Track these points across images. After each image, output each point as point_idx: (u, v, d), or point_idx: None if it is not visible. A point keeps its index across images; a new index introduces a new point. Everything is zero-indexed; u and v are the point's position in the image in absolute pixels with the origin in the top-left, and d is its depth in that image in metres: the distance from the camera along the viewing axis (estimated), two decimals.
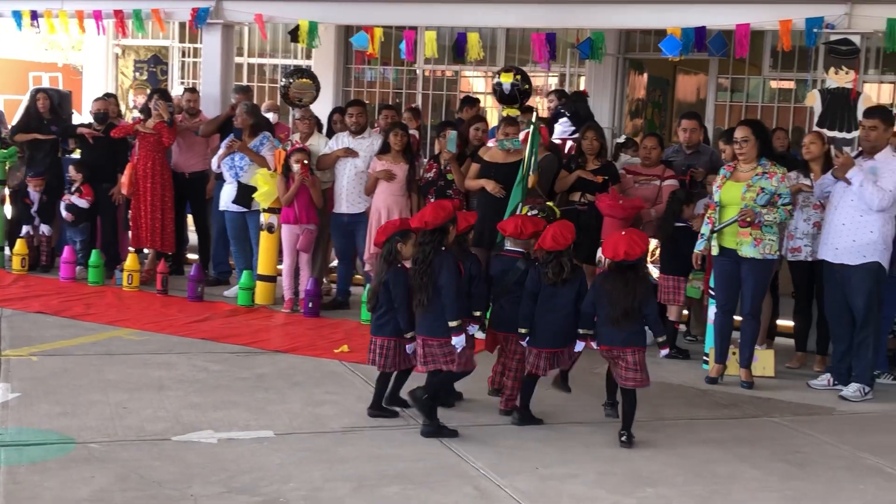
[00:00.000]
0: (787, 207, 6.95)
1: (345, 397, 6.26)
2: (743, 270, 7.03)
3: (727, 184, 7.12)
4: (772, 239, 6.96)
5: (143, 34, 12.48)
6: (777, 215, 6.89)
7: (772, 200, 6.90)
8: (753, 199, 6.91)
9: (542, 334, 5.81)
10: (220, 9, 10.61)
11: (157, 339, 7.52)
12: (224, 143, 9.24)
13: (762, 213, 6.88)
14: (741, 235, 6.99)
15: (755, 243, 6.95)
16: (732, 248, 7.04)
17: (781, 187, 6.92)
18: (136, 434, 5.29)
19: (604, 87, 11.95)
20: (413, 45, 10.25)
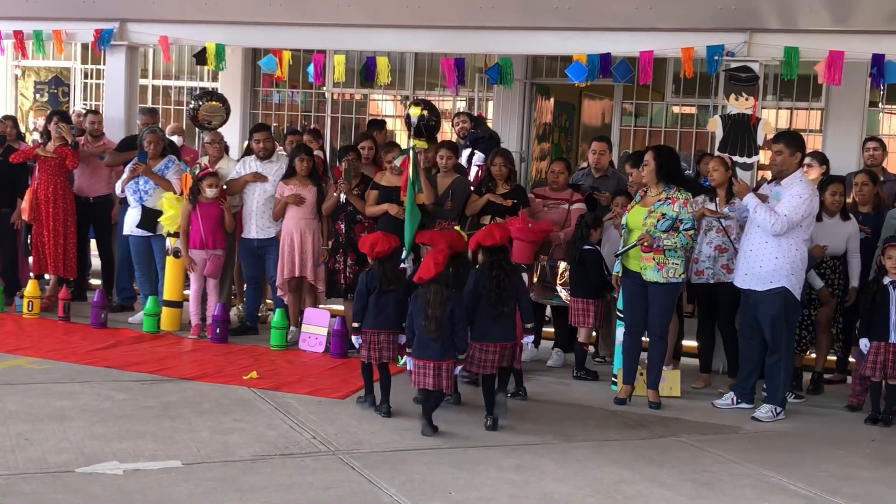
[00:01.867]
0: (688, 233, 7.07)
1: (254, 424, 6.17)
2: (649, 293, 7.16)
3: (634, 208, 7.27)
4: (675, 263, 7.09)
5: (44, 55, 12.17)
6: (677, 240, 7.02)
7: (674, 226, 7.03)
8: (654, 224, 7.05)
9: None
10: (124, 30, 10.43)
11: (59, 368, 7.32)
12: (128, 166, 9.07)
13: (661, 238, 7.02)
14: (644, 260, 7.12)
15: (658, 268, 7.08)
16: (637, 272, 7.17)
17: (683, 213, 7.04)
18: (39, 466, 5.13)
19: (511, 112, 12.09)
20: (322, 68, 10.23)
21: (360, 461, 5.54)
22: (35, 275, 9.46)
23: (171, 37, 10.33)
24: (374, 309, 6.55)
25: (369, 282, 6.58)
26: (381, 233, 6.95)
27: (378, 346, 6.57)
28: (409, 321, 6.40)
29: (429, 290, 6.20)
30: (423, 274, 6.25)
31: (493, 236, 6.49)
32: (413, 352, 6.30)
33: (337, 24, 9.89)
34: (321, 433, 6.04)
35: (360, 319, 6.59)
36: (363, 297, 6.57)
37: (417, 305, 6.25)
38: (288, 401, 6.78)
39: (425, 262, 6.35)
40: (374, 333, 6.57)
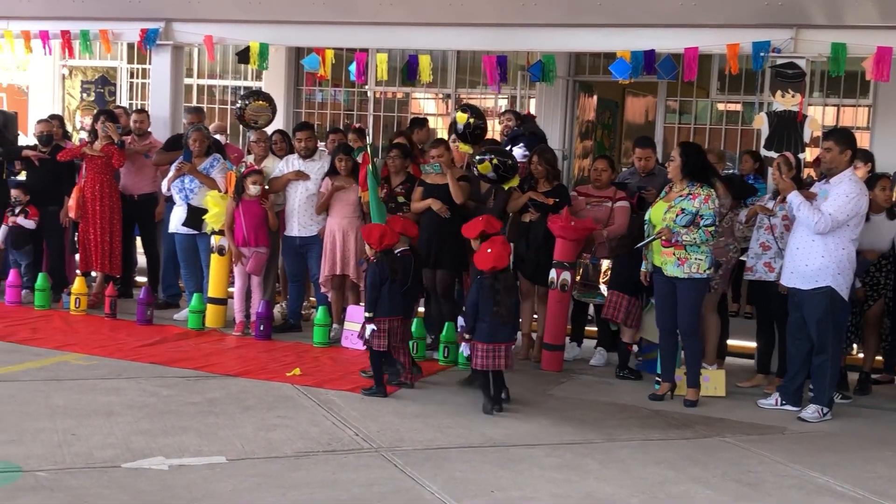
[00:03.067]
0: (708, 229, 6.99)
1: (297, 421, 6.20)
2: (676, 290, 7.12)
3: (657, 203, 7.28)
4: (699, 258, 7.03)
5: (91, 55, 12.33)
6: (697, 236, 6.98)
7: (694, 221, 6.98)
8: (673, 219, 7.01)
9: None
10: (169, 30, 10.54)
11: (105, 364, 7.40)
12: (174, 165, 9.15)
13: (680, 233, 6.97)
14: (664, 255, 7.10)
15: (679, 262, 7.04)
16: (661, 267, 7.14)
17: (704, 208, 6.98)
18: (85, 461, 5.19)
19: (554, 110, 12.06)
20: (364, 67, 10.25)
21: (403, 458, 5.54)
22: (82, 272, 9.58)
23: (216, 36, 10.43)
24: (387, 298, 6.91)
25: (381, 272, 6.91)
26: (387, 226, 7.21)
27: (391, 333, 6.91)
28: (470, 310, 6.74)
29: (498, 278, 6.65)
30: (497, 263, 6.68)
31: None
32: (481, 337, 6.66)
33: (379, 23, 9.92)
34: (364, 430, 6.05)
35: (373, 309, 6.90)
36: (377, 288, 6.91)
37: (486, 293, 6.65)
38: (331, 398, 6.80)
39: (496, 252, 6.71)
40: (389, 321, 6.91)
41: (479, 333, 6.69)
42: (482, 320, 6.68)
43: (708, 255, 7.08)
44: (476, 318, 6.73)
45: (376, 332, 6.89)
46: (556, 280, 7.94)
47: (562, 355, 8.19)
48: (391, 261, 7.02)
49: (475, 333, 6.71)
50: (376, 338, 6.90)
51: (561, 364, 8.14)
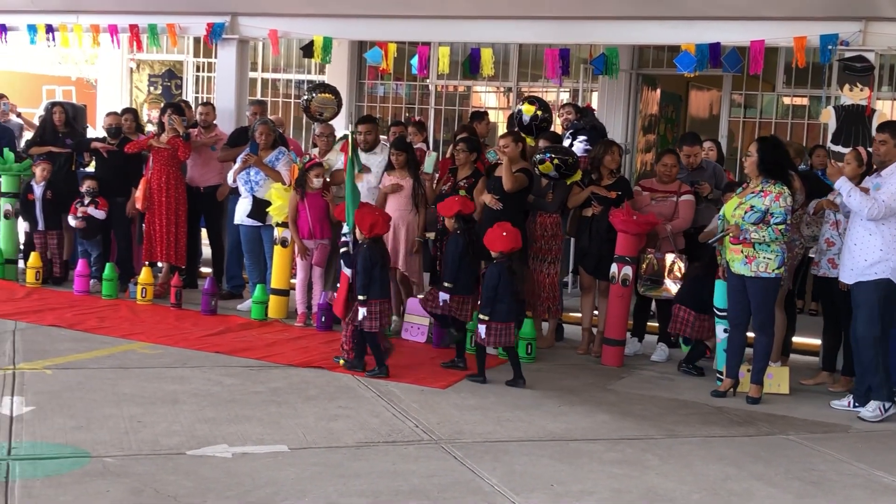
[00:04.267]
0: (778, 227, 6.87)
1: (358, 412, 6.25)
2: (746, 286, 7.03)
3: (731, 199, 7.18)
4: (767, 257, 6.92)
5: (158, 48, 12.54)
6: (766, 234, 6.87)
7: (764, 219, 6.88)
8: (742, 216, 6.92)
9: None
10: (235, 24, 10.67)
11: (171, 353, 7.54)
12: (240, 157, 9.27)
13: (749, 231, 6.88)
14: (732, 252, 7.02)
15: (746, 261, 6.95)
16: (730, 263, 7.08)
17: (774, 206, 6.86)
18: (151, 448, 5.29)
19: (616, 103, 11.99)
20: (426, 60, 10.28)
21: (462, 451, 5.56)
22: (147, 262, 9.75)
23: (281, 30, 10.53)
24: (379, 282, 7.23)
25: (372, 257, 7.21)
26: (379, 215, 7.48)
27: (381, 314, 7.21)
28: (490, 293, 7.08)
29: (513, 260, 7.15)
30: (512, 245, 7.16)
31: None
32: (500, 318, 7.07)
33: (442, 16, 9.94)
34: (423, 422, 6.08)
35: (366, 293, 7.16)
36: (369, 272, 7.18)
37: (505, 276, 7.06)
38: (391, 389, 6.85)
39: (511, 235, 7.15)
40: (381, 303, 7.23)
41: (498, 314, 7.06)
42: (501, 301, 7.06)
43: (778, 255, 6.94)
44: (495, 299, 7.07)
45: (370, 314, 7.14)
46: (618, 274, 7.90)
47: (622, 350, 8.14)
48: (379, 247, 7.35)
49: (493, 315, 7.06)
50: (369, 320, 7.16)
51: (621, 359, 8.10)
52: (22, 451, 5.12)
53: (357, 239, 7.40)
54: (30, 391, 6.20)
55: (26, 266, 9.95)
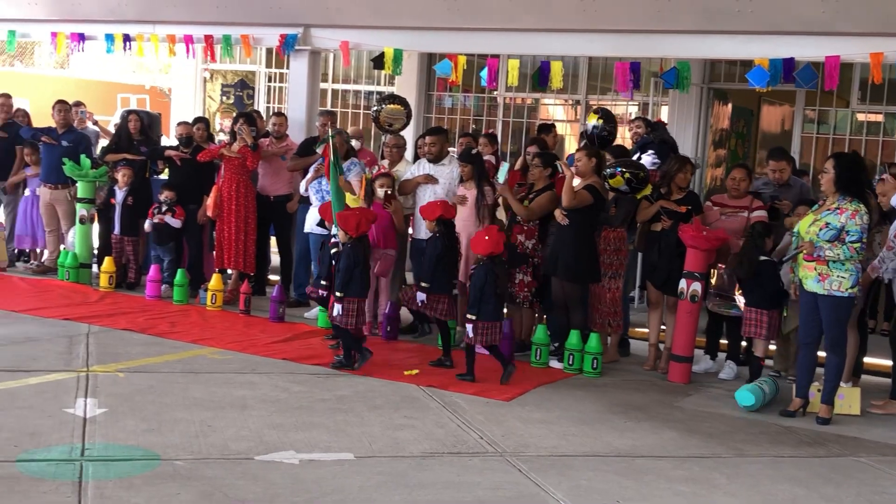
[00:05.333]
0: (853, 245, 6.73)
1: (423, 422, 6.27)
2: (819, 305, 6.91)
3: (807, 215, 7.06)
4: (841, 276, 6.78)
5: (231, 59, 12.74)
6: (840, 252, 6.74)
7: (839, 237, 6.75)
8: (816, 233, 6.81)
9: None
10: (307, 36, 10.80)
11: (239, 359, 7.64)
12: (313, 167, 9.37)
13: (823, 249, 6.76)
14: (805, 269, 6.91)
15: (819, 278, 6.83)
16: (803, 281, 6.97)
17: (850, 224, 6.73)
18: (220, 452, 5.37)
19: (687, 117, 11.88)
20: (495, 72, 10.30)
21: (527, 464, 5.55)
22: (218, 269, 9.90)
23: (352, 42, 10.63)
24: (359, 281, 7.57)
25: (355, 257, 7.53)
26: (362, 214, 7.82)
27: (357, 313, 7.54)
28: (476, 293, 7.40)
29: (496, 262, 7.47)
30: (493, 249, 7.45)
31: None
32: (486, 317, 7.38)
33: (511, 29, 9.95)
34: (488, 434, 6.08)
35: (344, 290, 7.49)
36: (350, 271, 7.51)
37: (490, 277, 7.37)
38: (455, 400, 6.86)
39: (493, 239, 7.46)
40: (358, 302, 7.56)
41: (485, 314, 7.38)
42: (487, 302, 7.39)
43: (853, 273, 6.80)
44: (481, 299, 7.38)
45: (345, 311, 7.48)
46: (686, 290, 7.82)
47: (689, 367, 8.06)
48: (363, 247, 7.68)
49: (480, 314, 7.37)
50: (344, 316, 7.48)
51: (688, 376, 8.01)
52: (95, 453, 5.22)
53: (341, 239, 7.71)
54: (103, 393, 6.33)
55: (100, 270, 10.17)
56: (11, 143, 11.02)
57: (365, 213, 7.87)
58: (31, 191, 10.98)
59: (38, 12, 12.40)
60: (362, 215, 7.75)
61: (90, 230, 10.53)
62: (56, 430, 5.50)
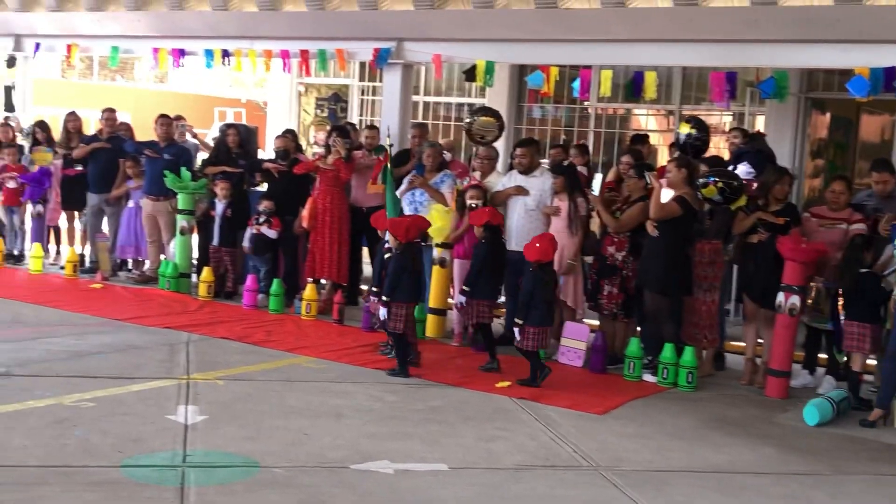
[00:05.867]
0: None
1: (515, 434, 6.28)
2: None
3: None
4: None
5: (326, 73, 12.93)
6: None
7: None
8: None
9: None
10: (401, 49, 10.90)
11: (334, 368, 7.75)
12: (406, 178, 9.47)
13: None
14: None
15: None
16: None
17: None
18: (317, 461, 5.45)
19: (784, 127, 11.66)
20: (588, 83, 10.25)
21: (622, 479, 5.51)
22: (312, 279, 10.05)
23: (444, 55, 10.69)
24: (407, 285, 7.64)
25: (403, 263, 7.64)
26: (413, 220, 8.01)
27: (404, 318, 7.61)
28: (525, 299, 7.55)
29: (544, 270, 7.59)
30: (541, 257, 7.54)
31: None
32: (534, 322, 7.50)
33: (604, 40, 9.88)
34: (582, 447, 6.06)
35: (391, 295, 7.59)
36: (398, 276, 7.62)
37: (539, 284, 7.51)
38: (548, 413, 6.85)
39: (543, 247, 7.57)
40: (406, 307, 7.66)
41: (532, 318, 7.50)
42: (535, 307, 7.50)
43: None
44: (529, 304, 7.50)
45: (392, 316, 7.57)
46: (784, 304, 7.68)
47: (787, 382, 7.90)
48: (413, 252, 7.77)
49: (528, 319, 7.50)
50: (392, 321, 7.58)
51: (786, 391, 7.86)
52: (196, 459, 5.36)
53: (392, 245, 7.86)
54: (203, 401, 6.48)
55: (199, 280, 10.42)
56: (115, 156, 11.37)
57: (416, 220, 8.02)
58: (133, 202, 11.31)
59: (141, 28, 12.77)
60: (413, 222, 7.90)
61: (190, 241, 10.80)
62: (159, 437, 5.66)
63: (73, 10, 13.37)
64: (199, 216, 10.72)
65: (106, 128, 11.67)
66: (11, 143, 12.23)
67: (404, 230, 7.74)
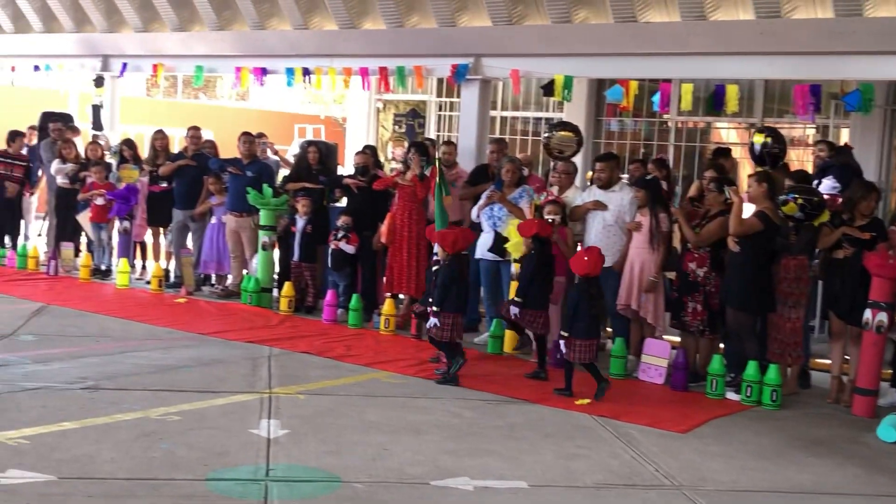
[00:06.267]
0: None
1: (596, 452, 6.23)
2: None
3: None
4: None
5: (404, 89, 13.04)
6: None
7: None
8: None
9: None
10: (479, 65, 10.96)
11: (412, 383, 7.78)
12: (485, 193, 9.49)
13: None
14: None
15: None
16: None
17: None
18: (397, 476, 5.47)
19: (870, 140, 11.42)
20: (668, 97, 10.17)
21: (706, 498, 5.43)
22: (390, 294, 10.12)
23: (522, 70, 10.72)
24: (454, 296, 7.85)
25: (451, 274, 7.87)
26: (460, 232, 8.23)
27: (453, 327, 7.81)
28: (571, 311, 7.67)
29: (591, 283, 7.66)
30: (590, 270, 7.62)
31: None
32: (580, 334, 7.56)
33: (685, 53, 9.82)
34: (664, 466, 5.98)
35: (441, 305, 7.79)
36: (447, 287, 7.83)
37: (584, 296, 7.59)
38: (628, 431, 6.78)
39: (591, 260, 7.63)
40: (454, 317, 7.84)
41: (577, 331, 7.57)
42: (580, 320, 7.57)
43: None
44: (574, 317, 7.59)
45: (441, 325, 7.76)
46: (872, 321, 7.50)
47: (874, 400, 7.71)
48: (461, 263, 8.02)
49: (573, 331, 7.58)
50: (440, 329, 7.78)
51: (874, 410, 7.66)
52: (279, 473, 5.42)
53: (440, 257, 8.09)
54: (284, 415, 6.56)
55: (280, 295, 10.57)
56: (200, 173, 11.61)
57: (462, 233, 8.25)
58: (216, 218, 11.52)
59: (225, 48, 13.06)
60: (459, 234, 8.11)
61: (272, 256, 10.96)
62: (242, 450, 5.74)
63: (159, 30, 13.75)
64: (281, 232, 10.88)
65: (191, 145, 11.93)
66: (99, 161, 12.57)
67: (451, 242, 7.96)
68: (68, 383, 6.99)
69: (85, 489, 4.94)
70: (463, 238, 8.12)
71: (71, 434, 5.82)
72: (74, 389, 6.84)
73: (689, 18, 9.58)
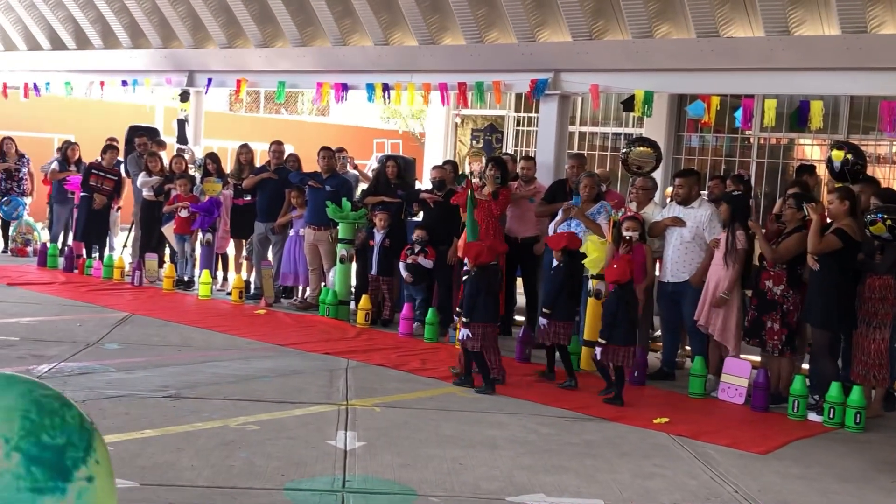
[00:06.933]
0: None
1: (674, 472, 6.14)
2: None
3: None
4: None
5: (482, 104, 13.09)
6: None
7: None
8: None
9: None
10: (557, 80, 10.94)
11: (488, 398, 7.76)
12: (562, 208, 9.46)
13: None
14: None
15: None
16: None
17: None
18: (472, 491, 5.46)
19: None
20: (750, 113, 10.03)
21: None
22: None
23: (601, 85, 10.68)
24: (483, 307, 7.95)
25: (478, 285, 7.98)
26: (485, 245, 8.32)
27: (483, 337, 7.88)
28: (609, 319, 7.83)
29: (624, 290, 7.86)
30: (619, 277, 7.84)
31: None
32: (618, 341, 7.77)
33: (769, 69, 9.68)
34: (743, 487, 5.87)
35: (470, 315, 7.92)
36: (474, 298, 7.95)
37: (622, 304, 7.78)
38: (707, 451, 6.68)
39: (620, 269, 7.86)
40: (483, 327, 7.92)
41: (616, 338, 7.78)
42: (618, 326, 7.77)
43: None
44: (613, 324, 7.78)
45: (472, 335, 7.87)
46: None
47: None
48: (488, 274, 8.08)
49: (611, 338, 7.79)
50: (472, 340, 7.87)
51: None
52: (355, 485, 5.45)
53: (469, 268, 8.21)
54: (361, 427, 6.60)
55: (357, 307, 10.66)
56: (281, 186, 11.79)
57: (489, 245, 8.39)
58: (295, 231, 11.69)
59: (307, 64, 13.25)
60: (483, 247, 8.23)
61: (349, 269, 11.07)
62: (319, 461, 5.79)
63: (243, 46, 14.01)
64: (359, 245, 10.99)
65: (273, 159, 12.13)
66: (184, 174, 12.85)
67: (474, 255, 8.10)
68: (151, 391, 7.14)
69: (166, 496, 5.03)
70: (488, 251, 8.21)
71: (153, 441, 5.94)
72: (157, 398, 6.99)
73: (773, 34, 9.44)
